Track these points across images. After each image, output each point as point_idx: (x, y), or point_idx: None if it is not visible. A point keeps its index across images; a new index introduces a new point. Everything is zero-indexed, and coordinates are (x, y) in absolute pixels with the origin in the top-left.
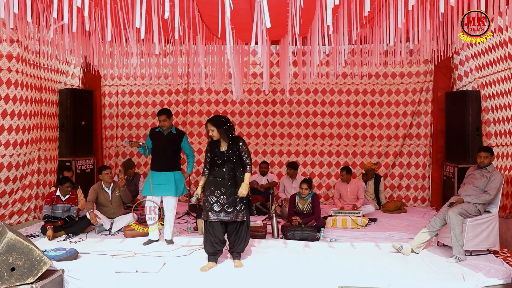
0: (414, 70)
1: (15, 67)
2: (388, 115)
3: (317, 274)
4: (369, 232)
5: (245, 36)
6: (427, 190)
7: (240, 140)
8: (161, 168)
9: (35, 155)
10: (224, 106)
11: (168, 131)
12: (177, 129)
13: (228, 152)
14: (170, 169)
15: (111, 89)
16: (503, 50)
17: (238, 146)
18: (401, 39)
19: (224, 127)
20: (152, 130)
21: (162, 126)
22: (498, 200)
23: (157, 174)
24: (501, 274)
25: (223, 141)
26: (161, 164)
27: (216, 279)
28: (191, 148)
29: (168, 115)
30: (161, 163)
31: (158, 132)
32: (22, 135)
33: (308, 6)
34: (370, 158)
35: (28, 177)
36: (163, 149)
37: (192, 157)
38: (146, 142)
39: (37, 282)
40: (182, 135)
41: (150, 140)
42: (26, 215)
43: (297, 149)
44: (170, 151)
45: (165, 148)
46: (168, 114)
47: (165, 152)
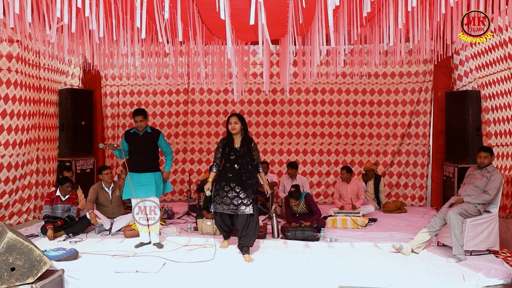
0: (413, 70)
1: (15, 67)
2: (387, 114)
3: (317, 274)
4: (369, 232)
5: (245, 36)
6: (424, 189)
7: (252, 141)
8: (140, 170)
9: (34, 155)
10: (225, 106)
11: (143, 131)
12: (152, 128)
13: (241, 149)
14: (149, 169)
15: (112, 89)
16: (503, 50)
17: (251, 145)
18: (401, 39)
19: (245, 124)
20: (127, 132)
21: (139, 126)
22: (498, 200)
23: (136, 175)
24: (501, 274)
25: (237, 137)
26: (139, 165)
27: (216, 279)
28: (169, 145)
29: (145, 116)
30: (139, 164)
31: (134, 134)
32: (21, 135)
33: (308, 5)
34: (368, 156)
35: (27, 177)
36: (140, 149)
37: (170, 154)
38: (122, 145)
39: (37, 282)
40: (158, 134)
41: (126, 142)
42: (26, 215)
43: (297, 147)
44: (148, 151)
45: (143, 149)
46: (144, 115)
47: (143, 153)
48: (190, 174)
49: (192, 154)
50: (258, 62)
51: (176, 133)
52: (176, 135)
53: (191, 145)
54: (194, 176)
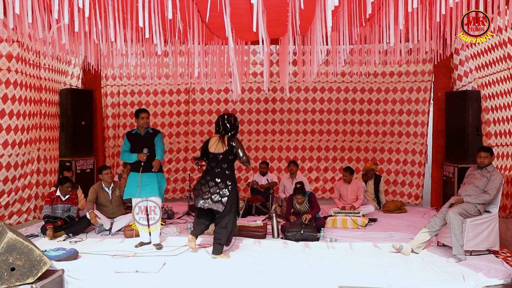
0: (412, 69)
1: (15, 67)
2: (385, 112)
3: (317, 274)
4: (369, 232)
5: (245, 35)
6: (421, 188)
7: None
8: (143, 169)
9: (35, 155)
10: (225, 105)
11: (145, 131)
12: (153, 129)
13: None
14: (151, 169)
15: (113, 89)
16: (503, 50)
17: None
18: (401, 39)
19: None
20: (128, 133)
21: (144, 124)
22: (498, 200)
23: (138, 175)
24: (501, 274)
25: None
26: (142, 165)
27: (216, 279)
28: (163, 149)
29: (149, 113)
30: (142, 164)
31: (135, 134)
32: (21, 135)
33: (307, 5)
34: (366, 153)
35: (28, 177)
36: (142, 149)
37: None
38: (124, 146)
39: (37, 282)
40: (157, 133)
41: (129, 143)
42: (26, 215)
43: (296, 144)
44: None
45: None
46: (148, 112)
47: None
48: (191, 172)
49: (193, 153)
50: (258, 62)
51: (177, 132)
52: (177, 134)
53: (192, 144)
54: (195, 174)
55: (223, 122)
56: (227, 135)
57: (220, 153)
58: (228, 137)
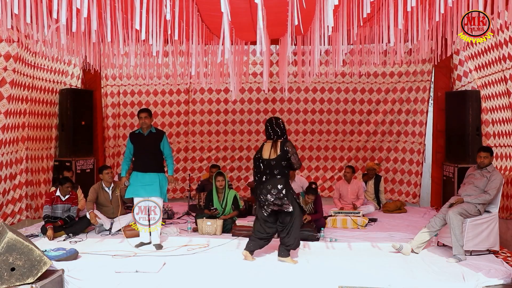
0: (411, 69)
1: (12, 67)
2: (384, 112)
3: (317, 274)
4: (369, 232)
5: (245, 35)
6: (418, 187)
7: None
8: (145, 169)
9: (23, 154)
10: (225, 105)
11: (148, 131)
12: (157, 129)
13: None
14: (154, 170)
15: (113, 89)
16: (502, 50)
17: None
18: (401, 39)
19: None
20: (132, 134)
21: (143, 124)
22: (498, 200)
23: (141, 175)
24: (501, 274)
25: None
26: (145, 165)
27: (216, 279)
28: (171, 148)
29: (149, 114)
30: (145, 164)
31: (138, 134)
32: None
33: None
34: (364, 152)
35: (18, 177)
36: (145, 150)
37: (171, 158)
38: (127, 150)
39: (37, 282)
40: (162, 135)
41: (131, 143)
42: (18, 215)
43: (296, 144)
44: (153, 151)
45: (147, 149)
46: (149, 113)
47: (148, 153)
48: (191, 172)
49: (193, 153)
50: (258, 62)
51: (177, 132)
52: (177, 134)
53: (192, 143)
54: (195, 174)
55: (272, 127)
56: (279, 140)
57: (273, 159)
58: (281, 142)
